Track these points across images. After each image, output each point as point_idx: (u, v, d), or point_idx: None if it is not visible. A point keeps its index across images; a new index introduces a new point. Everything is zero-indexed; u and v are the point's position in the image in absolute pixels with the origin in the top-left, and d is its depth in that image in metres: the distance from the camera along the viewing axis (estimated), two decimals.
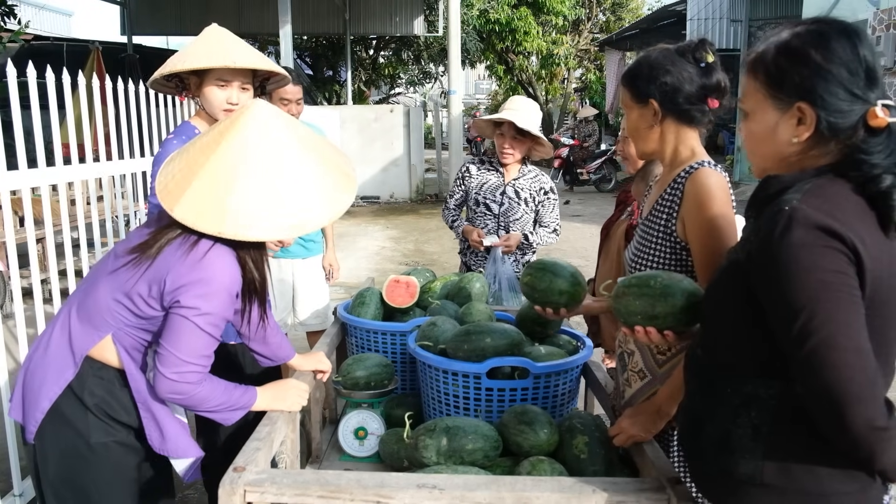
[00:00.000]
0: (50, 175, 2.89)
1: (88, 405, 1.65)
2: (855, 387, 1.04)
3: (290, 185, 1.56)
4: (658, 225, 1.74)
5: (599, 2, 24.02)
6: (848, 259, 1.08)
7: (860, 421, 1.03)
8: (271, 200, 1.54)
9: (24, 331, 2.77)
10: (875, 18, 10.07)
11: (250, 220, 1.52)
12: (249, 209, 1.52)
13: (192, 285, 1.55)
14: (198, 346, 1.58)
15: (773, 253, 1.10)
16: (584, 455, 1.71)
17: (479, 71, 30.59)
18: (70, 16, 26.63)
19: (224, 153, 1.56)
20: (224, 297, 1.59)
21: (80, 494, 1.69)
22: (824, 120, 1.15)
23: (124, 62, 12.31)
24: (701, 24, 15.48)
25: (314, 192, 1.59)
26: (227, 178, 1.54)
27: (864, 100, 1.14)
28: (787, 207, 1.11)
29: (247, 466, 1.42)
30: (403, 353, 2.41)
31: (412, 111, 13.94)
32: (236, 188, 1.53)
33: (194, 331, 1.56)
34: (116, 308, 1.62)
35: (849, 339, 1.05)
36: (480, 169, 3.39)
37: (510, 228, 3.29)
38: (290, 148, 1.60)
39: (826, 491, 1.16)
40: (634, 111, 1.75)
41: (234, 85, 2.19)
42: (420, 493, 1.37)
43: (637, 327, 1.49)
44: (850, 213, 1.12)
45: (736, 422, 1.22)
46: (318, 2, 15.03)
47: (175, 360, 1.56)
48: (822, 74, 1.15)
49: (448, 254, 8.79)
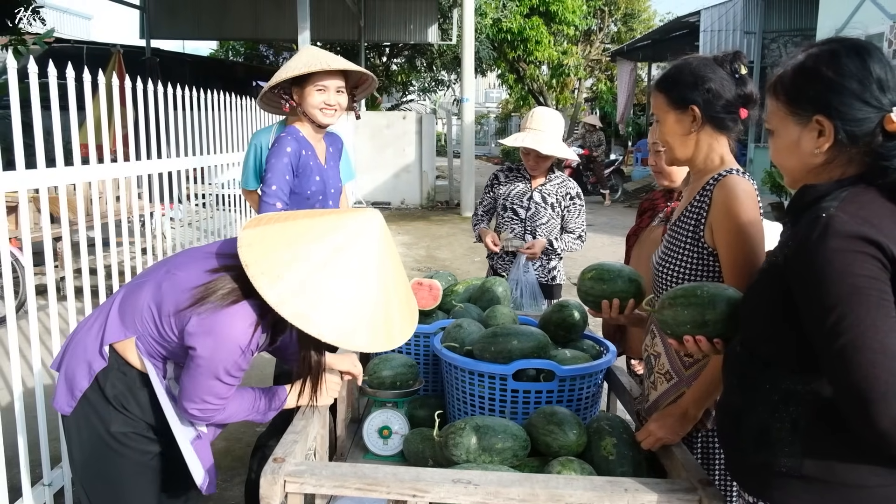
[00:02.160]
0: (68, 175, 2.91)
1: (108, 396, 1.70)
2: (881, 385, 1.09)
3: (370, 302, 1.52)
4: (686, 231, 1.76)
5: (611, 12, 24.10)
6: (882, 265, 1.13)
7: (885, 419, 1.08)
8: (346, 305, 1.48)
9: (36, 328, 2.80)
10: (891, 32, 10.06)
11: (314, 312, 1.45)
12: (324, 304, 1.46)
13: (206, 336, 1.55)
14: (215, 390, 1.62)
15: (809, 257, 1.16)
16: (612, 456, 1.73)
17: (490, 79, 30.72)
18: (90, 19, 26.91)
19: (335, 251, 1.52)
20: (236, 353, 1.57)
21: (104, 480, 1.75)
22: (842, 130, 1.24)
23: (145, 65, 12.45)
24: (714, 36, 15.49)
25: (380, 320, 1.54)
26: (326, 271, 1.48)
27: (878, 108, 1.21)
28: (825, 215, 1.17)
29: (286, 458, 1.45)
30: (426, 354, 2.44)
31: (424, 118, 14.00)
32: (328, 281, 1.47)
33: (210, 377, 1.60)
34: (147, 315, 1.67)
35: (876, 340, 1.10)
36: (508, 176, 3.48)
37: (536, 233, 3.35)
38: (387, 270, 1.58)
39: (866, 483, 1.20)
40: (671, 116, 1.75)
41: (331, 89, 2.63)
42: (455, 489, 1.40)
43: (686, 337, 1.50)
44: (885, 219, 1.17)
45: (775, 416, 1.26)
46: (335, 8, 15.15)
47: (194, 397, 1.63)
48: (834, 88, 1.23)
49: (459, 260, 8.82)
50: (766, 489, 1.29)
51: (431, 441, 1.97)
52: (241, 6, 15.01)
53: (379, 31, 16.38)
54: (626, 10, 24.56)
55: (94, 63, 4.17)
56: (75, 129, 2.96)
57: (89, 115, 2.99)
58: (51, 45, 10.50)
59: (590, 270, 1.96)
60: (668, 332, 1.55)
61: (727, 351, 1.45)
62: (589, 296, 1.94)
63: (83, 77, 3.00)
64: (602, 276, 1.91)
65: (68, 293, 3.06)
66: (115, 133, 3.33)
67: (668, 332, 1.55)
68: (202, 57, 19.53)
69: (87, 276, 3.07)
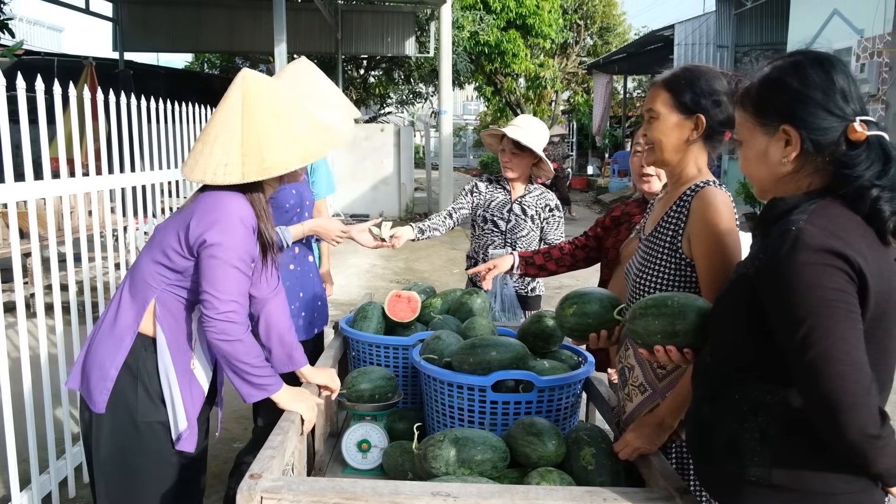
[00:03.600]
0: (37, 189, 2.88)
1: (143, 380, 1.80)
2: (849, 397, 1.11)
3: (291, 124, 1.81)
4: (664, 241, 1.77)
5: (587, 26, 24.41)
6: (849, 277, 1.15)
7: (854, 429, 1.11)
8: (276, 139, 1.78)
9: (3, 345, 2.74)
10: (859, 46, 10.31)
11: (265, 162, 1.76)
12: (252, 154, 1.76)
13: (211, 224, 1.74)
14: (231, 282, 1.75)
15: (779, 270, 1.18)
16: (591, 466, 1.73)
17: (468, 92, 30.86)
18: (61, 31, 26.62)
19: (220, 120, 1.80)
20: (241, 229, 1.76)
21: (126, 472, 1.82)
22: (807, 139, 1.27)
23: (118, 77, 12.32)
24: (688, 49, 15.77)
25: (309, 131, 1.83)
26: (232, 136, 1.78)
27: (841, 117, 1.25)
28: (794, 228, 1.19)
29: (263, 474, 1.43)
30: (405, 367, 2.43)
31: (402, 130, 14.03)
32: (241, 140, 1.77)
33: (224, 267, 1.73)
34: (156, 269, 1.81)
35: (845, 352, 1.13)
36: (488, 187, 3.46)
37: (517, 245, 3.35)
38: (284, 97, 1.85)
39: (834, 490, 1.22)
40: (674, 118, 1.72)
41: None
42: (435, 501, 1.39)
43: (657, 347, 1.50)
44: (852, 231, 1.20)
45: (744, 426, 1.28)
46: (311, 21, 15.16)
47: (215, 300, 1.73)
48: (800, 98, 1.27)
49: (438, 272, 8.81)
50: (736, 498, 1.30)
51: (411, 454, 1.96)
52: (217, 18, 14.96)
53: (356, 44, 16.42)
54: (602, 23, 24.88)
55: (66, 76, 4.10)
56: (45, 143, 2.91)
57: (60, 129, 2.94)
58: (20, 57, 10.36)
59: (570, 305, 1.83)
60: (639, 341, 1.55)
61: (697, 361, 1.46)
62: (574, 331, 1.84)
63: (53, 90, 2.96)
64: (585, 311, 1.79)
65: (38, 310, 3.00)
66: (87, 146, 3.28)
67: (638, 341, 1.56)
68: (177, 69, 19.40)
69: (59, 292, 3.02)
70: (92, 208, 3.40)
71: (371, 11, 16.11)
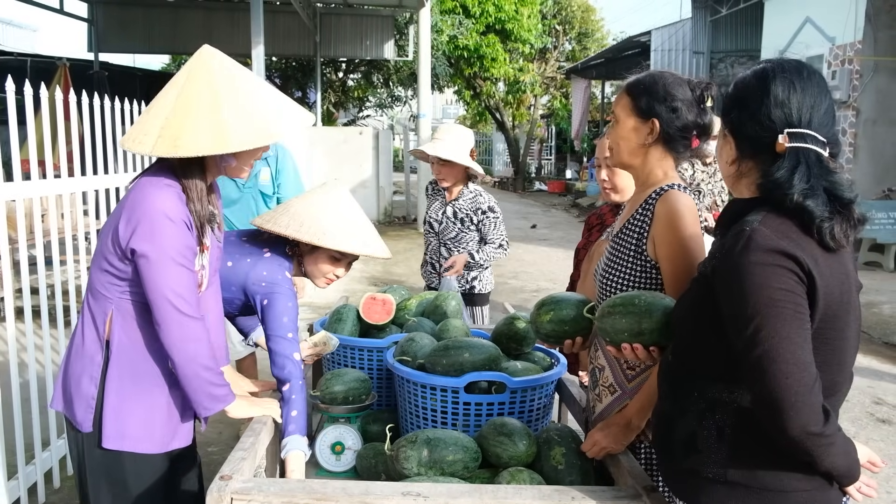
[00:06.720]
0: (8, 191, 2.84)
1: None
2: (791, 395, 1.15)
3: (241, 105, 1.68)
4: (629, 243, 1.80)
5: (566, 31, 24.57)
6: (798, 278, 1.19)
7: (796, 426, 1.15)
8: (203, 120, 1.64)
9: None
10: (830, 54, 10.48)
11: (184, 140, 1.62)
12: (181, 130, 1.63)
13: (134, 228, 1.63)
14: (172, 281, 1.64)
15: (731, 268, 1.23)
16: (561, 466, 1.75)
17: (448, 95, 30.95)
18: (35, 31, 26.25)
19: (164, 89, 1.71)
20: (168, 226, 1.64)
21: (117, 487, 1.77)
22: (738, 145, 1.34)
23: (92, 79, 12.17)
24: (665, 55, 15.94)
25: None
26: (169, 107, 1.67)
27: (770, 128, 1.29)
28: (748, 228, 1.23)
29: (233, 475, 1.43)
30: (380, 369, 2.43)
31: (381, 134, 14.02)
32: (174, 113, 1.65)
33: (166, 265, 1.63)
34: (105, 279, 1.73)
35: (790, 351, 1.16)
36: (432, 192, 3.78)
37: (449, 246, 3.62)
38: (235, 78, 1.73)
39: (786, 488, 1.26)
40: (631, 122, 1.76)
41: None
42: (405, 501, 1.40)
43: (624, 345, 1.54)
44: (803, 234, 1.23)
45: (702, 423, 1.31)
46: (290, 23, 15.08)
47: (162, 301, 1.63)
48: (738, 105, 1.35)
49: (416, 276, 8.76)
50: (695, 494, 1.33)
51: (384, 456, 1.97)
52: (194, 20, 14.82)
53: (335, 47, 16.37)
54: (581, 29, 25.05)
55: (39, 76, 4.06)
56: (16, 144, 2.88)
57: (31, 130, 2.90)
58: None
59: (546, 312, 1.81)
60: (607, 339, 1.59)
61: (661, 359, 1.49)
62: (550, 337, 1.84)
63: (24, 90, 2.93)
64: (562, 318, 1.79)
65: (7, 314, 2.96)
66: (60, 148, 3.24)
67: (606, 339, 1.59)
68: (153, 71, 19.14)
69: (29, 295, 2.98)
70: (64, 211, 3.37)
71: (350, 14, 16.07)
